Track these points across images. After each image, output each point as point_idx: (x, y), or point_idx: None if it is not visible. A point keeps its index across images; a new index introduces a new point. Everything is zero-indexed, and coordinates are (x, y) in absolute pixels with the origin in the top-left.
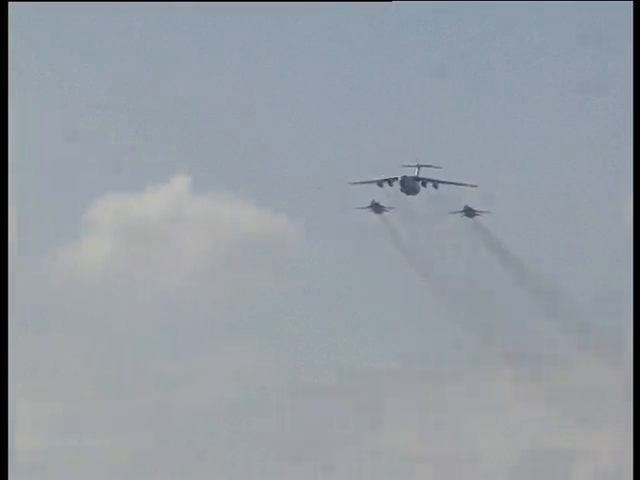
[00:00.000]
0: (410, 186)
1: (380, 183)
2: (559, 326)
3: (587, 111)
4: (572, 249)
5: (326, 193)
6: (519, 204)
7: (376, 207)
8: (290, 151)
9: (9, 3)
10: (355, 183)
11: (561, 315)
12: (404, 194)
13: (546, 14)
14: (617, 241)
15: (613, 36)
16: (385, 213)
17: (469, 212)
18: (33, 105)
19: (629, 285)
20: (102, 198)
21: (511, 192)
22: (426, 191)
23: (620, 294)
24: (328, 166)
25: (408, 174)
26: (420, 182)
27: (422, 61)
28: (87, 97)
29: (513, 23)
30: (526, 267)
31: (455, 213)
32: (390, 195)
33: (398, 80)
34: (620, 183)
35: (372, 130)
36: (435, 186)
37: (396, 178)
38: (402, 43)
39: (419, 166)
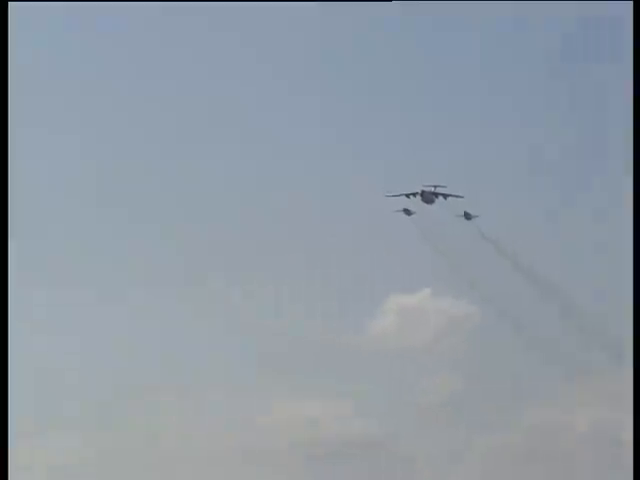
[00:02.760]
0: (428, 198)
1: (408, 195)
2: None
3: (587, 111)
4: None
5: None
6: (501, 210)
7: (406, 211)
8: None
9: (9, 3)
10: (390, 196)
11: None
12: (424, 203)
13: (546, 15)
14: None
15: (613, 36)
16: (413, 215)
17: (468, 215)
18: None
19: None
20: (388, 298)
21: (494, 202)
22: (438, 202)
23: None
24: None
25: (426, 189)
26: (434, 195)
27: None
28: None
29: (512, 24)
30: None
31: (458, 216)
32: (414, 203)
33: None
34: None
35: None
36: (445, 198)
37: (417, 192)
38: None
39: (435, 186)
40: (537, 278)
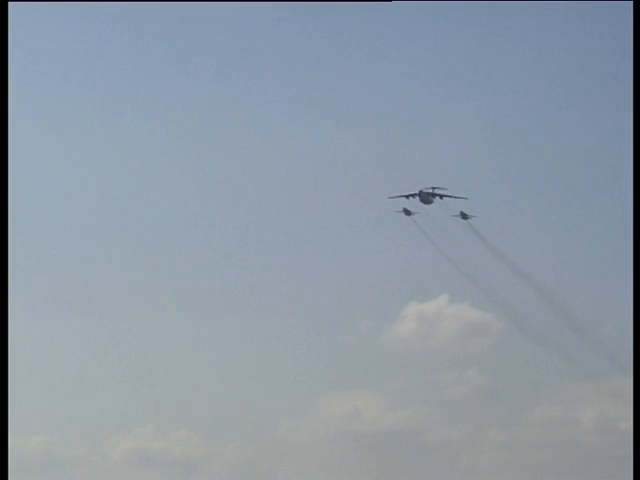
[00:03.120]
0: (426, 199)
1: (407, 197)
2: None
3: (587, 111)
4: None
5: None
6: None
7: (406, 211)
8: None
9: (9, 3)
10: (392, 197)
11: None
12: (422, 204)
13: (546, 15)
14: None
15: (613, 36)
16: (412, 215)
17: (464, 215)
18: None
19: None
20: (408, 304)
21: (489, 203)
22: (436, 202)
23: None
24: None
25: (424, 190)
26: (432, 196)
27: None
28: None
29: (511, 24)
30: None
31: (455, 216)
32: (413, 204)
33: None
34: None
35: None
36: (441, 198)
37: (416, 193)
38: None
39: (433, 188)
40: (539, 281)
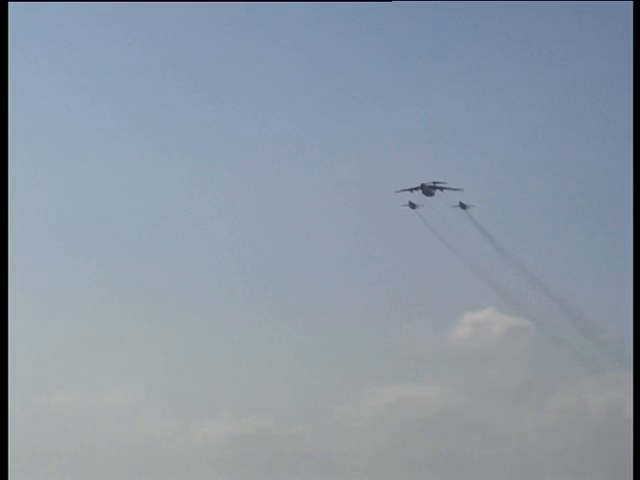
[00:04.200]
0: (427, 191)
1: (411, 190)
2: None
3: (586, 110)
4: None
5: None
6: (492, 201)
7: (411, 205)
8: None
9: (9, 3)
10: (398, 191)
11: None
12: (425, 196)
13: (545, 15)
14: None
15: (613, 36)
16: (417, 208)
17: (463, 205)
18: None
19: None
20: (462, 317)
21: (486, 194)
22: (437, 194)
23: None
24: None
25: (426, 183)
26: (433, 189)
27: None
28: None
29: (510, 24)
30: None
31: (455, 207)
32: (417, 196)
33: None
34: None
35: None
36: (441, 190)
37: (419, 187)
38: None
39: (434, 182)
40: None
